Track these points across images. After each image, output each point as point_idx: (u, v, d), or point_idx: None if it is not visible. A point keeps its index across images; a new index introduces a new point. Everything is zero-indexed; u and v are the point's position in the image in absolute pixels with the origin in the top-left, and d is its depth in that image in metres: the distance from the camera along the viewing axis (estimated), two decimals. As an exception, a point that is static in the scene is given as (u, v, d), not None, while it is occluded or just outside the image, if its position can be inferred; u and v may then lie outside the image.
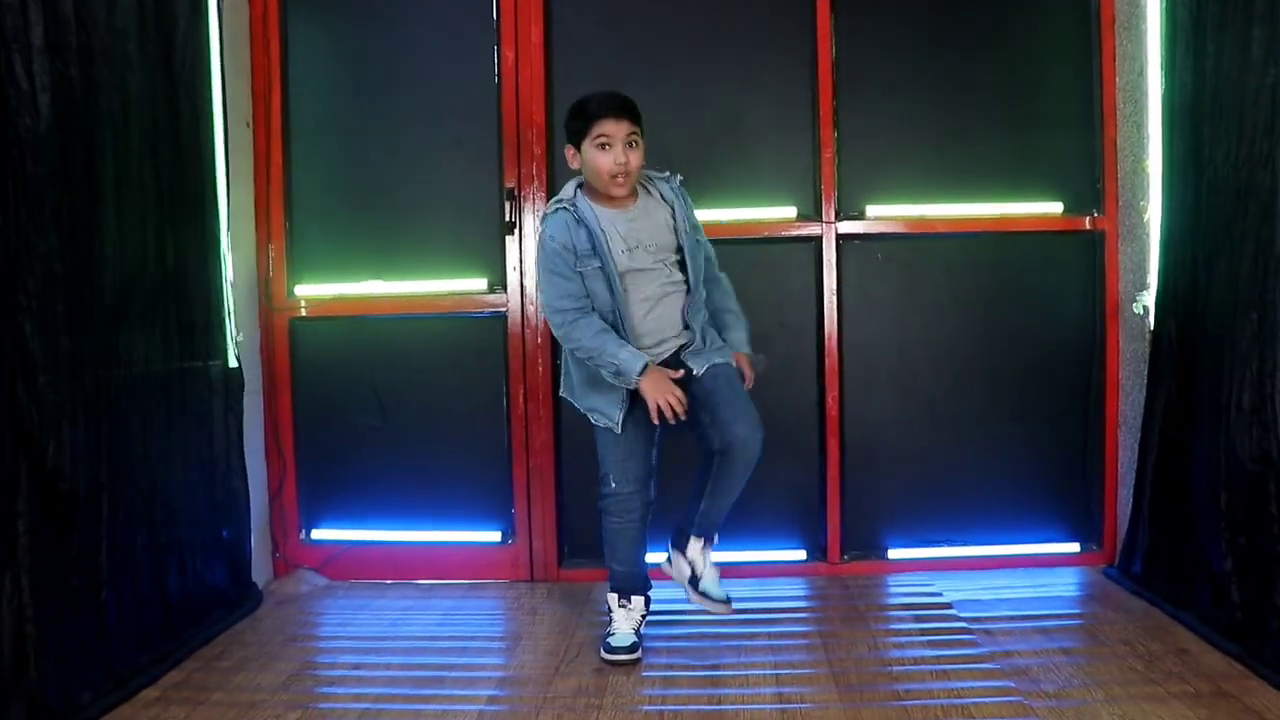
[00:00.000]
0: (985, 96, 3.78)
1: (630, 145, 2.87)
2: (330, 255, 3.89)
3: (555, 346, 3.75)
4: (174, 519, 3.18)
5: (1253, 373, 2.93)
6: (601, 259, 2.89)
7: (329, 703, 2.77)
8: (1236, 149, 3.02)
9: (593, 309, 2.92)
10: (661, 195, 3.02)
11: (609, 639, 3.06)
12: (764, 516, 3.76)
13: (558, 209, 2.95)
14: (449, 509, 3.88)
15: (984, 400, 3.81)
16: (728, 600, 3.04)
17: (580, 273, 2.90)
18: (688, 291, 3.01)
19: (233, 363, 3.54)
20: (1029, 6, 3.79)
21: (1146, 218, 3.55)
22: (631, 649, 3.02)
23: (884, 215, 3.78)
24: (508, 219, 3.78)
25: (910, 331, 3.81)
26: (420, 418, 3.87)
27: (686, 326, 3.02)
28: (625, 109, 2.88)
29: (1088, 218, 3.78)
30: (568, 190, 2.99)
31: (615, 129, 2.85)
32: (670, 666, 2.96)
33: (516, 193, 3.78)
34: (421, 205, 3.87)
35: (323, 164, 3.90)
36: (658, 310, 2.98)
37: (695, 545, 3.06)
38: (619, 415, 2.99)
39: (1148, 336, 3.52)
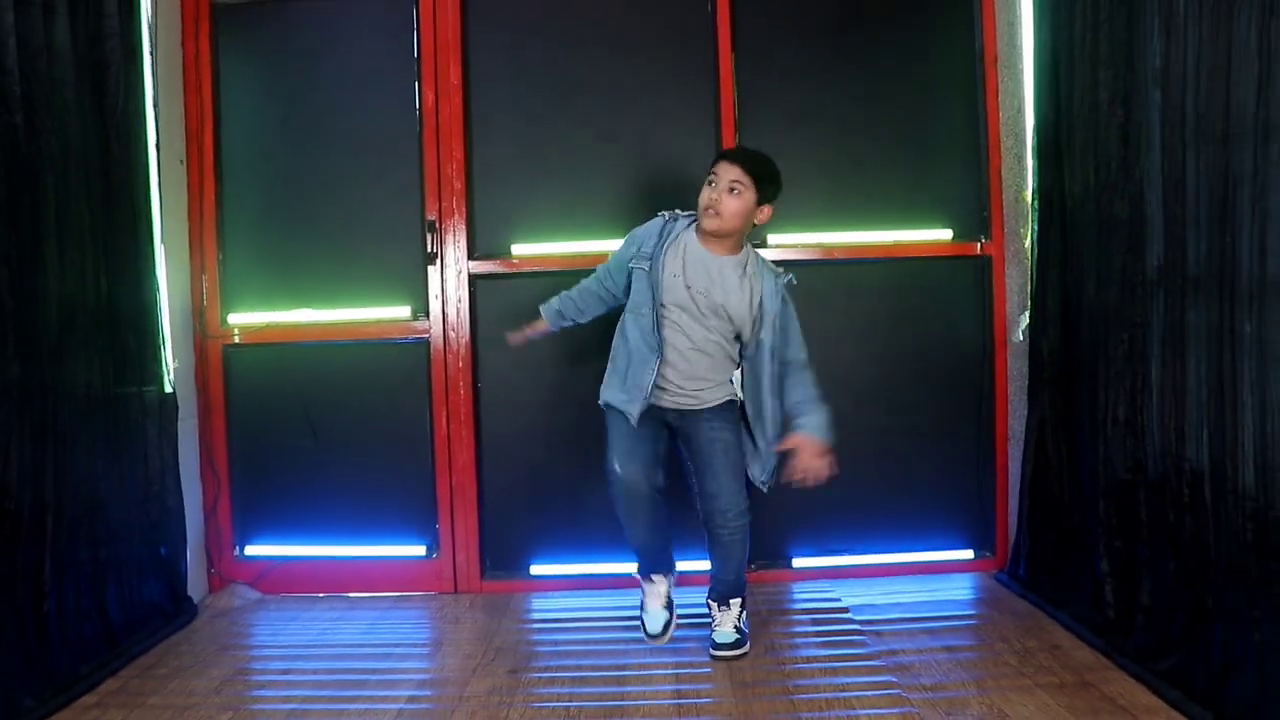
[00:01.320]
0: (880, 130, 4.00)
1: (731, 190, 3.10)
2: (262, 285, 4.05)
3: (476, 370, 3.97)
4: (114, 536, 3.35)
5: (1125, 389, 3.18)
6: (652, 264, 3.17)
7: (259, 704, 2.95)
8: (1095, 180, 3.30)
9: (609, 302, 3.39)
10: (755, 278, 3.20)
11: (643, 617, 3.42)
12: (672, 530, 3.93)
13: (662, 214, 3.28)
14: (376, 525, 4.03)
15: (884, 417, 4.01)
16: (734, 643, 3.25)
17: (631, 268, 3.23)
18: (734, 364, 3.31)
19: (168, 388, 3.69)
20: (921, 45, 4.02)
21: (1027, 244, 3.79)
22: (665, 629, 3.38)
23: (786, 243, 3.99)
24: (430, 250, 3.97)
25: (813, 353, 3.95)
26: (349, 439, 4.03)
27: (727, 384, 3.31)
28: (740, 157, 3.16)
29: (977, 243, 4.01)
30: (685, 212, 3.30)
31: (723, 171, 3.12)
32: (580, 668, 3.16)
33: (438, 225, 3.97)
34: (349, 237, 4.03)
35: (254, 198, 4.07)
36: (691, 358, 3.21)
37: (713, 608, 3.34)
38: (636, 411, 3.19)
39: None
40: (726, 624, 3.27)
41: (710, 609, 3.34)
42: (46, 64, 3.07)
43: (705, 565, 3.41)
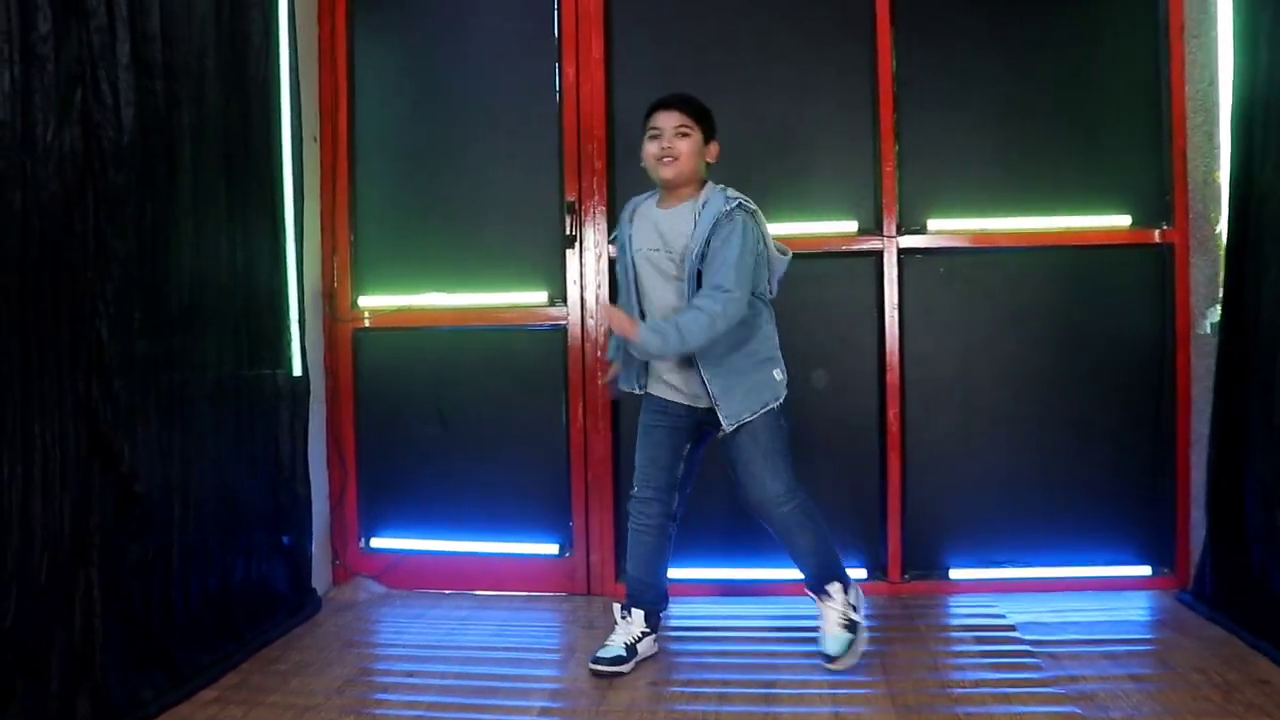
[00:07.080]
0: (1050, 107, 3.71)
1: (680, 134, 2.93)
2: (393, 267, 3.95)
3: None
4: (241, 523, 3.25)
5: None
6: (621, 254, 3.09)
7: (382, 709, 2.78)
8: None
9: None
10: (704, 208, 2.92)
11: (598, 649, 3.06)
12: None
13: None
14: (507, 521, 3.89)
15: (1049, 417, 3.72)
16: (832, 657, 2.96)
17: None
18: None
19: (298, 371, 3.59)
20: (1094, 15, 3.71)
21: (1219, 230, 3.46)
22: (614, 661, 3.00)
23: (946, 229, 3.72)
24: (568, 232, 3.79)
25: (973, 347, 3.74)
26: (480, 429, 3.89)
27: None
28: (676, 101, 2.98)
29: (1157, 230, 3.67)
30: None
31: (664, 119, 2.96)
32: (725, 683, 2.91)
33: (577, 206, 3.79)
34: (483, 218, 3.90)
35: (387, 178, 3.97)
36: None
37: (821, 608, 3.06)
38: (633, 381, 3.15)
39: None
40: (831, 624, 3.00)
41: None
42: (189, 31, 2.98)
43: (796, 574, 3.14)
